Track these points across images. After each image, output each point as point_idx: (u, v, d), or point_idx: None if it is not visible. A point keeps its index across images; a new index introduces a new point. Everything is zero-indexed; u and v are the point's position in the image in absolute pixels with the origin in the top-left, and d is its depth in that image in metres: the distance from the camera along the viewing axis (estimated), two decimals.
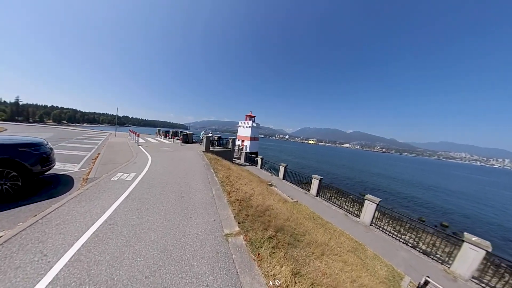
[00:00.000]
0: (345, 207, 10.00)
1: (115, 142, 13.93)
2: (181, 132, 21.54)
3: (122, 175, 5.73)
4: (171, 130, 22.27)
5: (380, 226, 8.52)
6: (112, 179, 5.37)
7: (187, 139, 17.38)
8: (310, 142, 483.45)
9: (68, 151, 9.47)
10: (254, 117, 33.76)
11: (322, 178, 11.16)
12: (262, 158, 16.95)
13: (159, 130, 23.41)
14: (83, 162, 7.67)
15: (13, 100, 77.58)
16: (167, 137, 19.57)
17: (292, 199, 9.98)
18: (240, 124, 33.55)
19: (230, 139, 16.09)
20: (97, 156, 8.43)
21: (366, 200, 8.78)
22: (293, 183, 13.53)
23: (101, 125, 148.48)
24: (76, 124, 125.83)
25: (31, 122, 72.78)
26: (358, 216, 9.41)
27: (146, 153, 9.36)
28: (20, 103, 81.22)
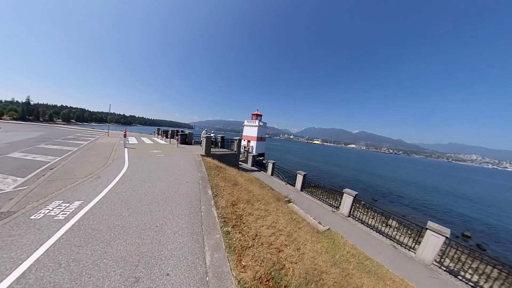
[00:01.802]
0: (388, 232, 7.50)
1: (101, 143, 11.83)
2: (181, 131, 19.29)
3: (58, 206, 3.37)
4: (170, 129, 20.08)
5: (447, 266, 6.06)
6: (32, 217, 3.01)
7: (186, 140, 15.08)
8: (315, 142, 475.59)
9: (35, 155, 7.42)
10: (261, 115, 31.18)
11: (357, 194, 8.56)
12: (273, 163, 14.40)
13: (158, 130, 21.19)
14: (33, 174, 5.45)
15: (24, 100, 78.62)
16: (164, 137, 17.33)
17: (320, 223, 7.46)
18: (245, 123, 31.05)
19: (236, 139, 13.65)
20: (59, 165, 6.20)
21: (428, 230, 6.19)
22: (314, 196, 10.95)
23: (108, 124, 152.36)
24: (84, 123, 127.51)
25: (41, 121, 74.18)
26: (412, 249, 6.83)
27: (126, 159, 7.05)
28: (31, 102, 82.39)
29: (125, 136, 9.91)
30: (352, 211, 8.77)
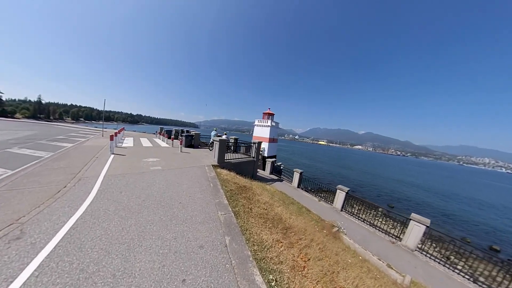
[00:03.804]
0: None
1: (87, 146, 9.39)
2: (186, 131, 16.76)
3: None
4: (173, 129, 17.58)
5: None
6: None
7: (192, 142, 12.48)
8: (320, 143, 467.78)
9: None
10: (273, 114, 28.34)
11: (430, 222, 5.84)
12: (300, 173, 11.60)
13: (161, 129, 18.66)
14: None
15: (36, 99, 79.51)
16: (166, 138, 14.76)
17: (391, 267, 4.77)
18: (256, 122, 28.26)
19: (255, 143, 10.93)
20: None
21: None
22: (362, 220, 8.20)
23: (115, 122, 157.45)
24: (92, 121, 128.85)
25: (51, 120, 75.55)
26: None
27: (101, 179, 4.45)
28: (43, 101, 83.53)
29: (111, 139, 7.32)
30: (422, 244, 6.09)
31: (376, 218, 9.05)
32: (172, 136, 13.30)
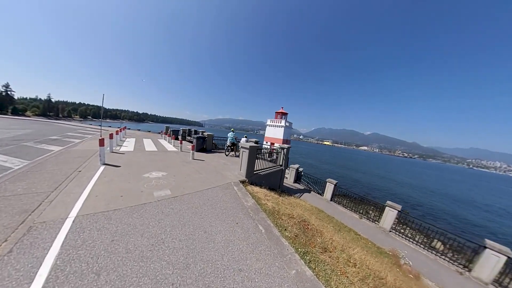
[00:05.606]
0: None
1: (78, 150, 7.47)
2: (194, 131, 14.78)
3: None
4: (181, 128, 15.61)
5: None
6: None
7: (204, 145, 10.42)
8: (325, 143, 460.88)
9: None
10: (286, 114, 26.08)
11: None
12: (335, 184, 9.40)
13: (167, 129, 16.63)
14: None
15: (46, 98, 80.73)
16: (173, 139, 12.76)
17: None
18: (268, 122, 26.04)
19: (284, 148, 8.80)
20: None
21: None
22: (421, 245, 6.13)
23: (121, 121, 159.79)
24: (100, 119, 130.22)
25: (59, 118, 76.76)
26: None
27: (70, 220, 2.46)
28: (52, 100, 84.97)
29: (101, 144, 5.31)
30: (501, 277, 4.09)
31: (429, 239, 6.95)
32: (180, 138, 11.33)
